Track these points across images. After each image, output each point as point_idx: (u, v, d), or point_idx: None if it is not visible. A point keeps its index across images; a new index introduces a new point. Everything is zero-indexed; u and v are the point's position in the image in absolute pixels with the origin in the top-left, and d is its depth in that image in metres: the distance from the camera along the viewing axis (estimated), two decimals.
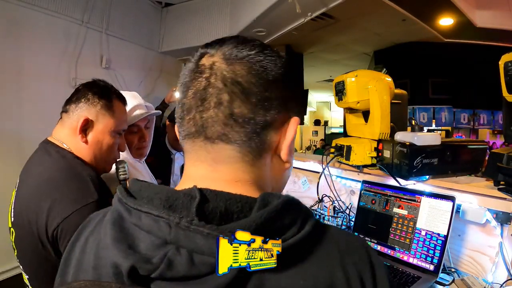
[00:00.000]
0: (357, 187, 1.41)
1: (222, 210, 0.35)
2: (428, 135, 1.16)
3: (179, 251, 0.32)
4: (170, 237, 0.33)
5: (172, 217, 0.33)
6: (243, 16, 2.13)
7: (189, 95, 0.40)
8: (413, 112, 5.77)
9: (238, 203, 0.36)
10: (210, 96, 0.39)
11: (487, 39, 2.92)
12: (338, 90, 1.43)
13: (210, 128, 0.39)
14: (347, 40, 4.67)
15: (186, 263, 0.32)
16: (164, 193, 0.36)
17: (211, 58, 0.41)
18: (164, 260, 0.32)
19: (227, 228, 0.33)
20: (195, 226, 0.32)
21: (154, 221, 0.34)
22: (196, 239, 0.32)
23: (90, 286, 0.33)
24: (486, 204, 1.02)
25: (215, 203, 0.35)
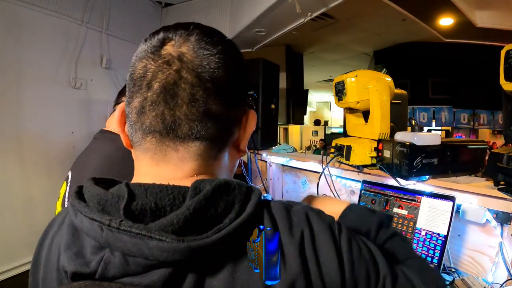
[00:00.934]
0: (357, 187, 1.41)
1: (152, 206, 0.33)
2: (428, 135, 1.16)
3: (113, 254, 0.32)
4: (102, 240, 0.32)
5: (104, 219, 0.32)
6: (243, 16, 2.13)
7: (155, 88, 0.37)
8: (413, 112, 5.77)
9: (169, 195, 0.34)
10: (183, 92, 0.36)
11: (487, 39, 2.92)
12: (338, 90, 1.43)
13: (183, 126, 0.37)
14: (347, 40, 4.67)
15: (120, 264, 0.32)
16: (95, 196, 0.35)
17: (178, 49, 0.38)
18: (101, 264, 0.32)
19: (155, 225, 0.31)
20: (124, 227, 0.31)
21: (90, 224, 0.34)
22: (125, 240, 0.31)
23: (90, 286, 0.32)
24: (486, 204, 1.02)
25: (144, 200, 0.34)
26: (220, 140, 0.41)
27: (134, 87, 0.38)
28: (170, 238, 0.31)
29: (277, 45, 4.19)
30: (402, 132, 1.23)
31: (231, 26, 2.33)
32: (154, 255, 0.31)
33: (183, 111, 0.37)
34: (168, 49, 0.37)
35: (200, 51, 0.38)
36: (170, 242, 0.31)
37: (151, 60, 0.37)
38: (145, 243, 0.31)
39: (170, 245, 0.30)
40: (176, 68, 0.36)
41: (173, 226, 0.31)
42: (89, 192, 0.37)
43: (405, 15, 2.92)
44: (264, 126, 2.16)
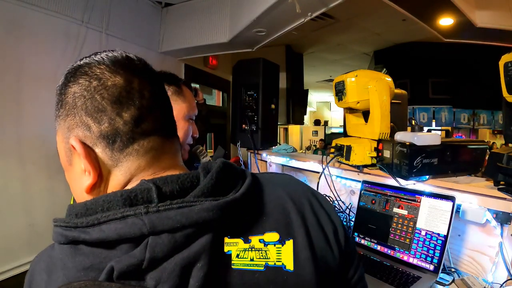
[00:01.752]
0: (357, 187, 1.41)
1: (178, 189, 0.38)
2: (428, 135, 1.16)
3: (159, 237, 0.33)
4: (146, 228, 0.33)
5: (138, 210, 0.34)
6: (243, 16, 2.13)
7: (147, 95, 0.42)
8: (413, 112, 5.77)
9: (187, 179, 0.39)
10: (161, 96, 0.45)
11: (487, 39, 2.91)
12: (338, 90, 1.43)
13: (170, 125, 0.46)
14: (347, 40, 4.67)
15: (168, 242, 0.33)
16: (118, 196, 0.36)
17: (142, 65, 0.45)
18: (147, 249, 0.33)
19: (191, 196, 0.37)
20: (164, 206, 0.35)
21: (122, 223, 0.33)
22: (171, 215, 0.34)
23: (90, 286, 0.32)
24: (486, 204, 1.02)
25: (169, 186, 0.38)
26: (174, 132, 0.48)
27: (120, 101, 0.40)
28: (210, 199, 0.37)
29: (277, 45, 4.18)
30: (402, 132, 1.23)
31: (231, 26, 2.33)
32: (202, 217, 0.35)
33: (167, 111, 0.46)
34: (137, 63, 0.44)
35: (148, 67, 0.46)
36: (210, 202, 0.36)
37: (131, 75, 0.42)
38: (190, 210, 0.35)
39: (211, 204, 0.36)
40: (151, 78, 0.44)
41: (204, 194, 0.37)
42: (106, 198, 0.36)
43: (405, 15, 2.91)
44: (264, 126, 2.16)
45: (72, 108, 0.40)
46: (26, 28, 1.72)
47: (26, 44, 1.72)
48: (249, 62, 2.20)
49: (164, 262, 0.33)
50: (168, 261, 0.33)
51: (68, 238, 0.35)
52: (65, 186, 1.60)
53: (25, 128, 1.73)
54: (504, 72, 0.91)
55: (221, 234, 0.37)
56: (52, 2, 1.82)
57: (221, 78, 3.52)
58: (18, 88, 1.70)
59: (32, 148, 1.75)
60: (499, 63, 0.92)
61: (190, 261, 0.34)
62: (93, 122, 0.39)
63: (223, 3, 2.39)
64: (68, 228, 0.35)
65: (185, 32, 2.58)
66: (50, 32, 1.84)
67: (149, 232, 0.33)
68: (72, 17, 1.95)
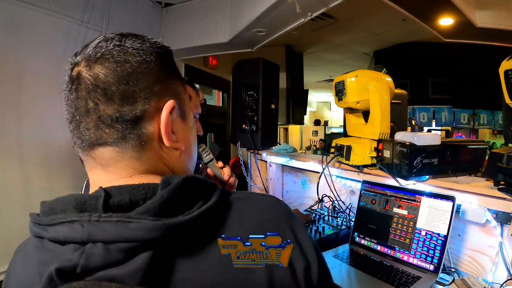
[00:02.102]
0: (357, 187, 1.41)
1: (127, 201, 0.37)
2: (428, 135, 1.16)
3: (95, 245, 0.34)
4: (84, 235, 0.34)
5: (83, 217, 0.35)
6: (243, 16, 2.13)
7: (68, 109, 0.42)
8: (413, 112, 5.77)
9: (141, 191, 0.38)
10: (80, 107, 0.41)
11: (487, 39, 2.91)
12: (338, 90, 1.43)
13: (87, 136, 0.41)
14: (347, 40, 4.67)
15: (102, 253, 0.33)
16: (72, 200, 0.38)
17: (77, 68, 0.42)
18: (83, 255, 0.34)
19: (134, 212, 0.35)
20: (105, 218, 0.34)
21: (69, 227, 0.35)
22: (107, 228, 0.34)
23: (90, 286, 0.33)
24: (486, 204, 1.02)
25: (120, 197, 0.37)
26: (129, 141, 0.42)
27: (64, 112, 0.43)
28: (148, 219, 0.34)
29: (277, 45, 4.18)
30: (402, 132, 1.23)
31: (231, 26, 2.33)
32: (134, 235, 0.33)
33: (84, 124, 0.41)
34: (74, 71, 0.42)
35: (90, 61, 0.41)
36: (148, 222, 0.34)
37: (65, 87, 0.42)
38: (125, 226, 0.34)
39: (148, 225, 0.34)
40: (75, 87, 0.41)
41: (150, 212, 0.35)
42: (60, 203, 0.39)
43: (405, 15, 2.91)
44: (264, 126, 2.16)
45: None
46: (26, 28, 1.72)
47: (26, 44, 1.72)
48: (249, 62, 2.20)
49: (98, 272, 0.34)
50: (102, 272, 0.34)
51: (35, 232, 0.39)
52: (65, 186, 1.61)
53: (26, 128, 1.73)
54: (505, 80, 0.92)
55: (168, 254, 0.35)
56: (52, 2, 1.82)
57: (221, 78, 3.52)
58: (18, 88, 1.70)
59: (33, 148, 1.75)
60: (499, 70, 0.93)
61: (124, 278, 0.33)
62: None
63: (223, 3, 2.39)
64: (35, 224, 0.39)
65: (185, 32, 2.58)
66: (50, 32, 1.84)
67: (87, 239, 0.34)
68: (72, 17, 1.95)
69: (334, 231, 1.36)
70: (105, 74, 0.40)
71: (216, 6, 2.43)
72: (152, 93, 0.42)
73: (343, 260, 1.14)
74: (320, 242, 1.28)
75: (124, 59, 0.41)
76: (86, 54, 0.42)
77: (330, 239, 1.32)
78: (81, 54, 0.42)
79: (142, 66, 0.42)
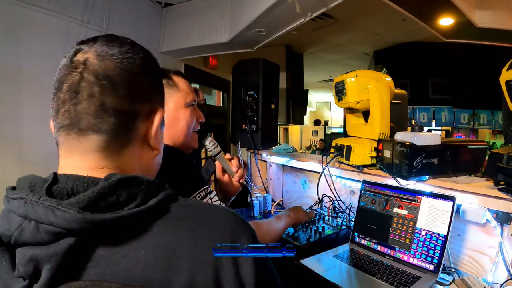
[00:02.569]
0: (357, 187, 1.41)
1: (69, 190, 0.40)
2: (428, 135, 1.16)
3: (29, 222, 0.38)
4: (23, 211, 0.38)
5: (29, 196, 0.39)
6: (243, 16, 2.13)
7: (64, 88, 0.43)
8: (413, 112, 5.77)
9: (85, 183, 0.41)
10: (83, 89, 0.42)
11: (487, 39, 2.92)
12: (338, 90, 1.43)
13: (83, 119, 0.43)
14: (347, 40, 4.66)
15: (32, 230, 0.37)
16: (28, 181, 0.42)
17: (85, 55, 0.44)
18: (18, 228, 0.38)
19: (66, 202, 0.38)
20: (42, 201, 0.38)
21: (18, 202, 0.40)
22: (39, 210, 0.37)
23: (90, 286, 0.34)
24: (486, 204, 1.02)
25: (64, 185, 0.41)
26: (120, 133, 0.45)
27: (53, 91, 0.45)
28: (72, 210, 0.37)
29: (277, 45, 4.18)
30: (402, 132, 1.23)
31: (231, 26, 2.32)
32: (57, 222, 0.37)
33: (82, 106, 0.42)
34: (78, 56, 0.44)
35: (101, 55, 0.44)
36: (71, 213, 0.37)
37: (65, 67, 0.44)
38: (52, 212, 0.37)
39: (70, 215, 0.36)
40: (80, 71, 0.43)
41: (79, 204, 0.38)
42: (24, 179, 0.43)
43: (405, 15, 2.92)
44: (264, 126, 2.16)
45: None
46: (26, 28, 1.72)
47: (26, 44, 1.72)
48: (249, 62, 2.20)
49: (26, 246, 0.38)
50: (29, 248, 0.37)
51: (4, 202, 0.42)
52: None
53: (25, 128, 1.73)
54: (507, 91, 0.92)
55: (90, 245, 0.38)
56: (52, 2, 1.82)
57: (221, 78, 3.52)
58: (18, 88, 1.70)
59: (32, 148, 1.75)
60: (500, 79, 0.93)
61: (41, 258, 0.37)
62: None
63: (223, 3, 2.39)
64: (5, 196, 0.43)
65: (185, 32, 2.57)
66: (50, 32, 1.84)
67: (24, 216, 0.38)
68: (72, 17, 1.95)
69: (334, 231, 1.36)
70: (114, 68, 0.44)
71: (216, 6, 2.43)
72: (149, 97, 0.48)
73: (343, 260, 1.14)
74: (320, 242, 1.28)
75: (133, 62, 0.46)
76: (96, 47, 0.45)
77: (330, 239, 1.32)
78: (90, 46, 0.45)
79: (145, 73, 0.48)
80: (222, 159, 1.10)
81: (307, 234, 1.32)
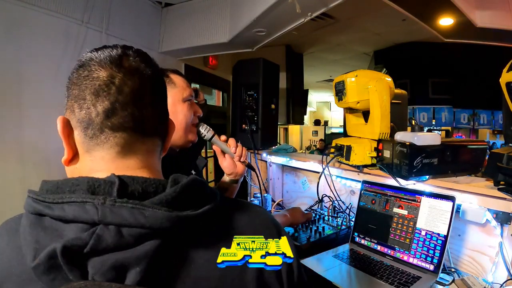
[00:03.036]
0: (357, 187, 1.41)
1: (140, 191, 0.40)
2: (428, 135, 1.16)
3: (107, 227, 0.36)
4: (97, 217, 0.35)
5: (97, 199, 0.37)
6: (243, 16, 2.12)
7: (126, 91, 0.43)
8: (413, 112, 5.77)
9: (153, 185, 0.41)
10: (146, 96, 0.45)
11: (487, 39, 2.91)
12: (338, 90, 1.43)
13: (147, 123, 0.45)
14: (347, 40, 4.66)
15: (114, 235, 0.35)
16: (85, 183, 0.39)
17: (135, 63, 0.45)
18: (93, 236, 0.35)
19: (148, 202, 0.38)
20: (119, 203, 0.36)
21: (79, 207, 0.36)
22: (123, 212, 0.36)
23: (90, 286, 0.33)
24: (486, 204, 1.02)
25: (133, 186, 0.40)
26: (165, 138, 0.50)
27: (98, 92, 0.43)
28: (163, 209, 0.37)
29: (277, 45, 4.17)
30: (402, 132, 1.23)
31: (231, 26, 2.32)
32: (149, 222, 0.36)
33: (148, 111, 0.45)
34: (128, 62, 0.45)
35: (149, 65, 0.47)
36: (163, 211, 0.37)
37: (116, 70, 0.44)
38: (141, 213, 0.36)
39: (163, 214, 0.37)
40: (139, 77, 0.45)
41: (162, 203, 0.38)
42: (76, 181, 0.40)
43: (405, 15, 2.92)
44: (264, 126, 2.16)
45: (68, 92, 0.46)
46: (26, 28, 1.72)
47: (26, 44, 1.72)
48: (249, 62, 2.20)
49: (106, 254, 0.35)
50: (110, 254, 0.35)
51: (35, 209, 0.38)
52: None
53: (26, 129, 1.73)
54: (508, 92, 0.92)
55: (176, 244, 0.39)
56: (52, 2, 1.82)
57: (221, 78, 3.52)
58: (18, 88, 1.69)
59: (33, 148, 1.75)
60: (500, 81, 0.93)
61: (130, 262, 0.35)
62: (77, 107, 0.44)
63: (223, 3, 2.39)
64: (37, 201, 0.39)
65: (185, 32, 2.57)
66: (50, 32, 1.83)
67: (99, 221, 0.35)
68: (72, 17, 1.95)
69: (334, 231, 1.36)
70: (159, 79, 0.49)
71: (216, 6, 2.43)
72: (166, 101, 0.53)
73: (343, 260, 1.14)
74: (320, 242, 1.28)
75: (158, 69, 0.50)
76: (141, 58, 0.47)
77: (330, 239, 1.32)
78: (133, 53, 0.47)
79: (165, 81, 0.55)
80: (217, 141, 1.13)
81: (307, 234, 1.32)
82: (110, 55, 0.45)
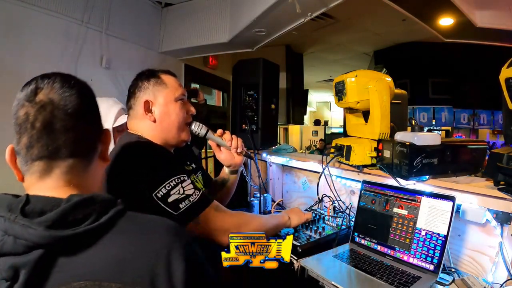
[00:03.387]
0: (357, 187, 1.41)
1: (38, 210, 0.49)
2: (428, 135, 1.16)
3: (9, 237, 0.47)
4: (3, 228, 0.47)
5: (8, 215, 0.48)
6: (243, 16, 2.13)
7: (37, 126, 0.51)
8: (413, 112, 5.77)
9: (51, 204, 0.49)
10: (59, 125, 0.52)
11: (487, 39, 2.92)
12: (338, 90, 1.43)
13: (62, 149, 0.53)
14: (347, 40, 4.66)
15: (12, 244, 0.46)
16: (6, 200, 0.50)
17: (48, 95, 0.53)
18: (1, 242, 0.47)
19: (36, 221, 0.46)
20: (17, 220, 0.47)
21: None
22: (16, 228, 0.46)
23: (90, 286, 0.40)
24: (486, 204, 1.02)
25: (34, 205, 0.49)
26: (87, 155, 0.57)
27: (20, 130, 0.53)
28: (41, 229, 0.46)
29: (277, 45, 4.17)
30: (402, 132, 1.23)
31: (231, 26, 2.32)
32: (30, 238, 0.46)
33: (62, 139, 0.52)
34: (40, 96, 0.52)
35: (68, 89, 0.54)
36: (40, 231, 0.46)
37: (30, 107, 0.52)
38: (26, 230, 0.46)
39: (40, 233, 0.46)
40: (50, 109, 0.52)
41: (46, 222, 0.46)
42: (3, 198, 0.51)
43: (405, 15, 2.92)
44: (264, 126, 2.16)
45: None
46: (26, 28, 1.72)
47: (26, 44, 1.72)
48: (249, 62, 2.20)
49: (6, 256, 0.46)
50: (9, 257, 0.46)
51: None
52: None
53: None
54: (507, 88, 0.92)
55: (55, 255, 0.47)
56: (52, 2, 1.82)
57: (221, 78, 3.52)
58: (18, 88, 1.69)
59: None
60: (500, 77, 0.93)
61: (19, 265, 0.45)
62: (15, 140, 0.54)
63: (223, 3, 2.39)
64: None
65: (185, 32, 2.57)
66: (50, 32, 1.84)
67: (4, 232, 0.47)
68: (72, 17, 1.95)
69: (334, 231, 1.36)
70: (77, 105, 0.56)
71: (216, 6, 2.43)
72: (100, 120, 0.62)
73: (343, 260, 1.14)
74: (320, 242, 1.28)
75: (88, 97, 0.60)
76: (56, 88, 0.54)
77: (330, 239, 1.32)
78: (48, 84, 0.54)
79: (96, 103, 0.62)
80: (212, 136, 1.15)
81: (307, 234, 1.32)
82: (27, 93, 0.53)
